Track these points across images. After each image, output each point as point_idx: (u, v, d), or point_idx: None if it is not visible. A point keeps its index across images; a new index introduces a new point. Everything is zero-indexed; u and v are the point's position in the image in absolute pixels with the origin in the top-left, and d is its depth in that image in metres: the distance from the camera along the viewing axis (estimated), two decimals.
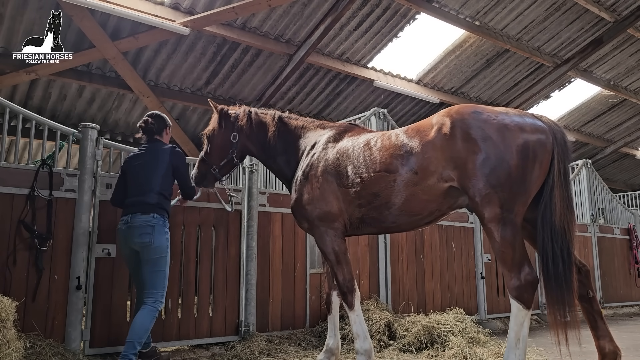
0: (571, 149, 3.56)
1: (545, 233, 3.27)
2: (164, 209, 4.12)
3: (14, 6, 7.58)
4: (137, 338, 3.79)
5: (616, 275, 9.62)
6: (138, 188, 4.11)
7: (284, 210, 5.80)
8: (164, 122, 4.48)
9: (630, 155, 19.08)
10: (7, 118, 4.51)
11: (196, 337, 5.04)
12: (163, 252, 4.00)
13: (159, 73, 9.68)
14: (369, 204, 3.78)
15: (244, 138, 4.47)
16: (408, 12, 10.05)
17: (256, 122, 4.50)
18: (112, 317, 4.60)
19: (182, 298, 5.06)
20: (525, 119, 3.43)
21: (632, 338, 6.11)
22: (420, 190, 3.56)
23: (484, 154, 3.29)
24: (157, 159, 4.19)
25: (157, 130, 4.39)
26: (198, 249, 5.35)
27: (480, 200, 3.31)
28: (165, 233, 4.05)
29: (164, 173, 4.15)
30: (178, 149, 4.38)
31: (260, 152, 4.53)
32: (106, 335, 4.55)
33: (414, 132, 3.71)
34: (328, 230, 3.92)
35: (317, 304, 5.90)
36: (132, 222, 3.99)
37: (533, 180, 3.30)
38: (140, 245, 3.98)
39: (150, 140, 4.38)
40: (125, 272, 4.72)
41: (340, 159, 3.95)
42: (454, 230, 7.27)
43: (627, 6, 11.38)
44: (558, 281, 3.18)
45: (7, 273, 4.10)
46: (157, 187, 4.09)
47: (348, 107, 12.17)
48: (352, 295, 3.87)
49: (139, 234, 3.95)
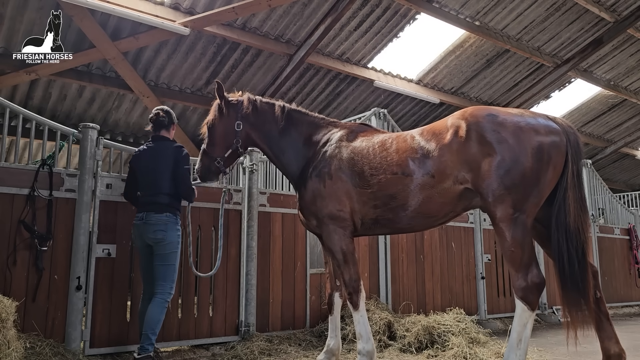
0: (583, 150, 3.59)
1: (560, 234, 3.30)
2: (176, 208, 4.33)
3: (14, 6, 7.57)
4: (151, 329, 4.02)
5: (616, 275, 9.62)
6: (150, 188, 4.31)
7: (284, 210, 5.79)
8: (172, 118, 4.64)
9: (631, 155, 19.08)
10: (7, 118, 4.51)
11: (196, 337, 5.05)
12: (174, 247, 4.24)
13: (159, 73, 9.68)
14: (385, 206, 3.78)
15: (248, 127, 4.27)
16: (408, 12, 10.05)
17: (262, 111, 4.32)
18: (112, 317, 4.60)
19: (182, 298, 5.06)
20: (540, 120, 3.45)
21: (632, 338, 6.11)
22: (437, 192, 3.59)
23: (499, 156, 3.32)
24: (164, 161, 4.32)
25: (167, 124, 4.55)
26: (198, 249, 5.34)
27: (493, 200, 3.34)
28: (177, 230, 4.28)
29: (170, 176, 4.31)
30: (184, 150, 4.46)
31: (265, 143, 4.34)
32: (106, 335, 4.55)
33: (429, 135, 3.72)
34: (337, 229, 3.90)
35: (317, 304, 5.90)
36: (147, 220, 4.21)
37: (547, 182, 3.33)
38: (154, 240, 4.19)
39: (157, 134, 4.50)
40: (125, 272, 4.72)
41: (356, 159, 3.92)
42: (454, 230, 7.27)
43: (627, 6, 11.38)
44: (574, 282, 3.21)
45: (7, 273, 4.10)
46: (166, 189, 4.28)
47: (348, 107, 12.16)
48: (358, 296, 3.86)
49: (153, 231, 4.18)
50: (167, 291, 4.18)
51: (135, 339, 4.57)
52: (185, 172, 4.36)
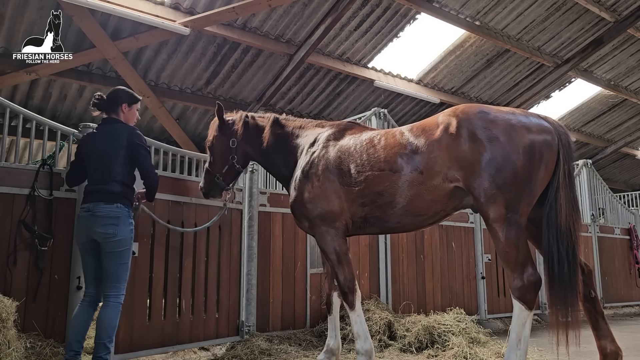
0: (575, 150, 3.57)
1: (551, 234, 3.27)
2: (128, 199, 3.84)
3: (14, 6, 7.58)
4: (108, 337, 3.59)
5: (616, 275, 9.61)
6: (99, 176, 3.80)
7: (284, 210, 5.79)
8: (120, 98, 3.99)
9: (631, 155, 19.08)
10: (8, 118, 4.51)
11: (200, 339, 4.94)
12: (127, 244, 3.75)
13: (159, 73, 9.68)
14: (373, 203, 3.75)
15: (243, 143, 4.47)
16: (408, 12, 10.05)
17: (252, 126, 4.51)
18: (134, 320, 4.46)
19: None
20: (531, 119, 3.43)
21: (632, 338, 6.11)
22: (425, 190, 3.55)
23: (490, 154, 3.29)
24: (114, 145, 3.80)
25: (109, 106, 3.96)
26: (207, 249, 5.23)
27: (486, 200, 3.31)
28: (129, 224, 3.78)
29: (123, 161, 3.80)
30: (137, 132, 3.92)
31: (258, 155, 4.54)
32: (129, 340, 4.40)
33: (419, 131, 3.69)
34: (329, 229, 3.88)
35: (317, 304, 5.90)
36: (95, 211, 3.69)
37: (538, 180, 3.31)
38: (102, 236, 3.68)
39: (107, 117, 3.97)
40: (146, 271, 4.59)
41: (343, 157, 3.91)
42: (455, 230, 7.26)
43: (627, 6, 11.38)
44: (562, 282, 3.18)
45: (7, 273, 4.10)
46: (118, 177, 3.77)
47: (348, 107, 12.17)
48: (353, 296, 3.85)
49: (102, 224, 3.66)
50: (121, 292, 3.73)
51: (155, 342, 4.49)
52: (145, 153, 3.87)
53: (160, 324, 4.63)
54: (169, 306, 4.72)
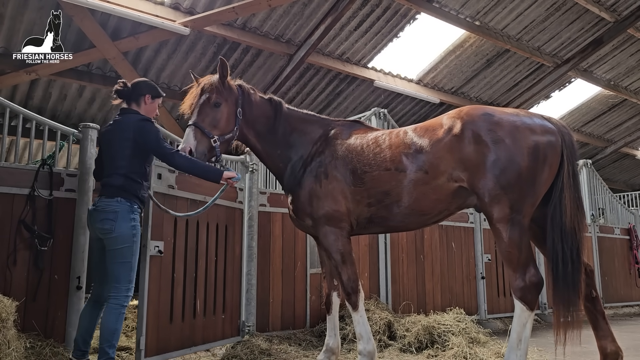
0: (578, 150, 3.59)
1: (555, 234, 3.29)
2: (133, 194, 3.59)
3: (14, 6, 7.57)
4: (107, 342, 3.43)
5: (616, 275, 9.62)
6: (107, 169, 3.67)
7: (284, 210, 5.79)
8: (144, 88, 3.85)
9: (631, 155, 19.08)
10: (8, 118, 4.51)
11: (209, 341, 4.84)
12: (127, 241, 3.51)
13: (159, 73, 9.68)
14: (379, 203, 3.74)
15: (244, 118, 3.97)
16: (408, 12, 10.05)
17: (256, 104, 4.04)
18: (160, 321, 4.35)
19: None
20: (535, 120, 3.45)
21: (632, 338, 6.11)
22: (430, 189, 3.57)
23: (494, 155, 3.31)
24: (120, 137, 3.63)
25: (131, 95, 3.81)
26: (217, 248, 5.16)
27: (490, 200, 3.33)
28: (130, 220, 3.54)
29: (130, 153, 3.59)
30: (144, 121, 3.71)
31: (255, 139, 4.08)
32: (155, 342, 4.29)
33: (423, 131, 3.70)
34: (334, 229, 3.83)
35: (317, 304, 5.90)
36: (97, 205, 3.57)
37: (542, 181, 3.33)
38: (100, 231, 3.53)
39: (125, 107, 3.82)
40: (169, 271, 4.49)
41: (350, 157, 3.87)
42: (454, 230, 7.26)
43: (627, 6, 11.38)
44: (566, 282, 3.20)
45: (7, 273, 4.10)
46: (121, 170, 3.57)
47: (348, 107, 12.17)
48: (357, 296, 3.82)
49: (100, 219, 3.52)
50: (123, 294, 3.50)
51: (178, 344, 4.38)
52: (157, 142, 3.62)
53: (179, 326, 4.50)
54: (186, 307, 4.61)
